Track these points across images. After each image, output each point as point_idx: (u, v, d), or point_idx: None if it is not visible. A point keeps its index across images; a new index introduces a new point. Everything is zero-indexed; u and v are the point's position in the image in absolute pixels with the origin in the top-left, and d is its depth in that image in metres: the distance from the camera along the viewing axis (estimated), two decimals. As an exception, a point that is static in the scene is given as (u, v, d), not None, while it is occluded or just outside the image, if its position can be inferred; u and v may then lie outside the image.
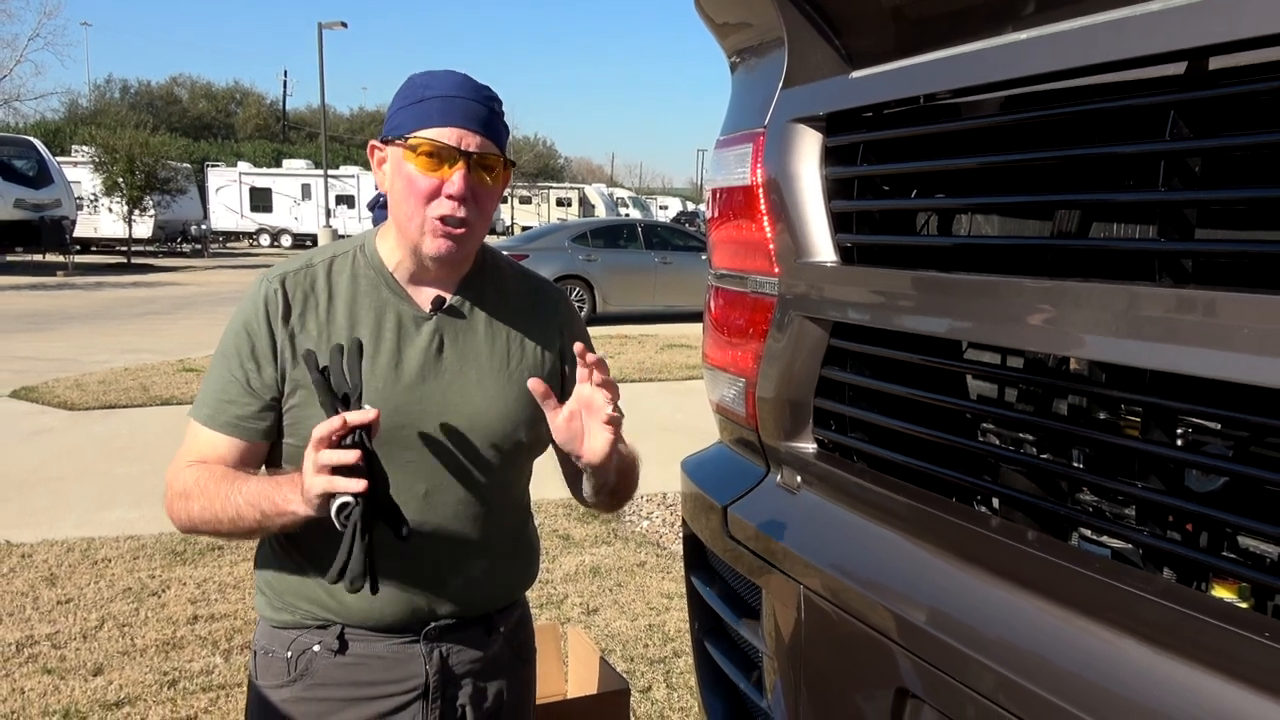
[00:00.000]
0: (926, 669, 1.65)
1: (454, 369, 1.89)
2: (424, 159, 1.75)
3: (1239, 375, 1.24)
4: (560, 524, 6.68)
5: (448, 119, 1.76)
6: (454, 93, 1.79)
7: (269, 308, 1.82)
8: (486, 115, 1.81)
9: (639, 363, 13.94)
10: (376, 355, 1.83)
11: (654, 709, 4.29)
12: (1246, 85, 1.32)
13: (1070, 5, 1.51)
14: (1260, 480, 1.40)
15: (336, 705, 1.90)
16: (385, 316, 1.86)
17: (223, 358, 1.85)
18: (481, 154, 1.79)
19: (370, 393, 1.79)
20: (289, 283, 1.84)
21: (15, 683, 4.37)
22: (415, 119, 1.77)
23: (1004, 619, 1.57)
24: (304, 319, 1.83)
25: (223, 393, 1.83)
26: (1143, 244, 1.56)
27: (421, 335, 1.87)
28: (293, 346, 1.81)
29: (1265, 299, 1.21)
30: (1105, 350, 1.45)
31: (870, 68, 1.96)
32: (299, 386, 1.81)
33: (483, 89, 1.84)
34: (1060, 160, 1.59)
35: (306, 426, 1.77)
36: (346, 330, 1.83)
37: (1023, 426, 1.99)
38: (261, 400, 1.82)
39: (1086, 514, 1.66)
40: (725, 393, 2.40)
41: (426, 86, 1.80)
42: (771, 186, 2.16)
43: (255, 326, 1.82)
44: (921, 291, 1.82)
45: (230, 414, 1.82)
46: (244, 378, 1.81)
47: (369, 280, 1.87)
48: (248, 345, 1.82)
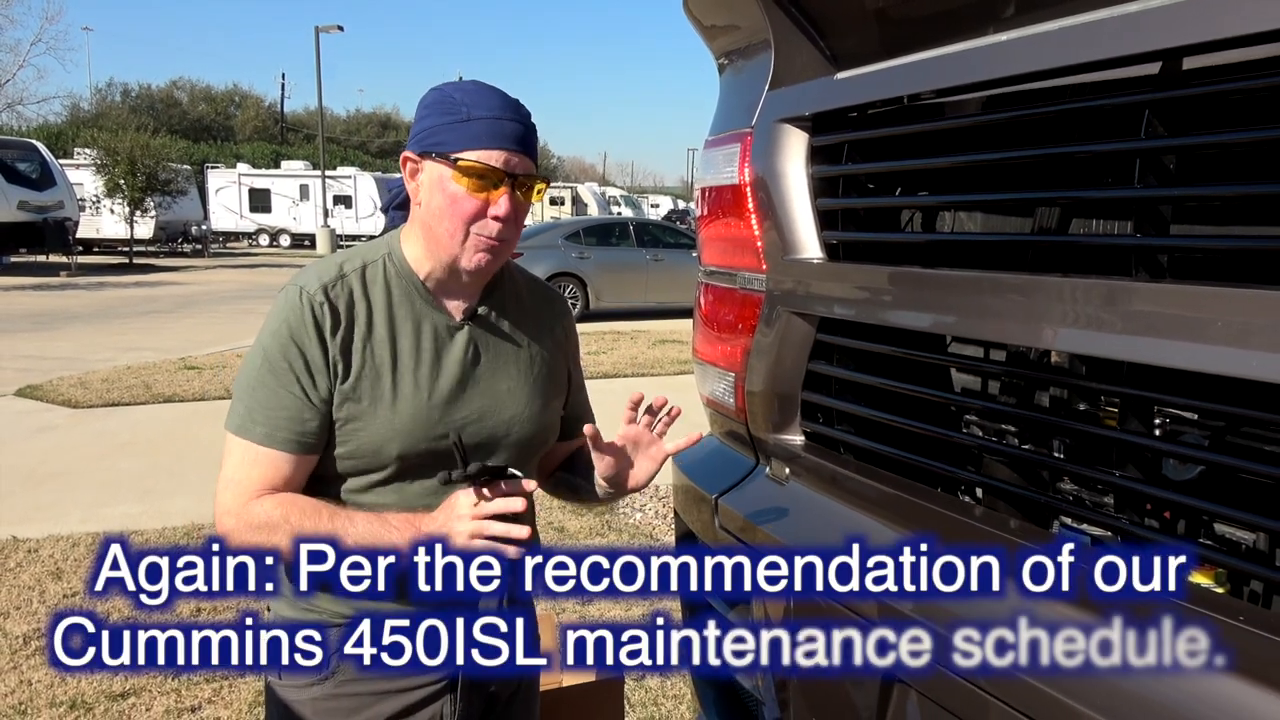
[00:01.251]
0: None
1: (488, 377, 1.89)
2: (471, 180, 1.74)
3: (1213, 367, 1.25)
4: (555, 517, 6.68)
5: (495, 142, 1.75)
6: (499, 114, 1.77)
7: (318, 319, 1.77)
8: (525, 134, 1.80)
9: (631, 358, 13.94)
10: (418, 366, 1.82)
11: (648, 695, 4.30)
12: (1220, 85, 1.33)
13: (1048, 8, 1.52)
14: (1235, 469, 1.41)
15: (368, 700, 1.87)
16: (422, 327, 1.85)
17: (273, 373, 1.78)
18: (525, 175, 1.79)
19: (419, 404, 1.80)
20: (332, 293, 1.79)
21: (23, 674, 4.37)
22: (461, 139, 1.75)
23: (986, 605, 1.58)
24: (351, 331, 1.80)
25: (278, 409, 1.77)
26: (1119, 240, 1.57)
27: (456, 345, 1.87)
28: (345, 359, 1.78)
29: (1238, 293, 1.22)
30: (1083, 343, 1.46)
31: (854, 69, 1.97)
32: (348, 399, 1.78)
33: (522, 109, 1.83)
34: (1039, 158, 1.60)
35: (357, 439, 1.79)
36: (388, 342, 1.81)
37: (1005, 418, 2.00)
38: (320, 414, 1.78)
39: (1067, 502, 1.67)
40: (715, 387, 2.41)
41: (470, 105, 1.77)
42: (759, 185, 2.16)
43: (305, 339, 1.77)
44: (905, 287, 1.82)
45: (291, 430, 1.77)
46: (302, 392, 1.77)
47: (402, 290, 1.85)
48: (300, 359, 1.77)
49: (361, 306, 1.82)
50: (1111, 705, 1.31)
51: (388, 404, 1.79)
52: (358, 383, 1.79)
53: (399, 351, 1.82)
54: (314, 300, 1.78)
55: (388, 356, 1.81)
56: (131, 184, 32.86)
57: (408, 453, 1.80)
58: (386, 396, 1.79)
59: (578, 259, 18.64)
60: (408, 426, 1.79)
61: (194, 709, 4.09)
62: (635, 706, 4.19)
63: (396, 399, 1.80)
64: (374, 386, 1.79)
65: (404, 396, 1.80)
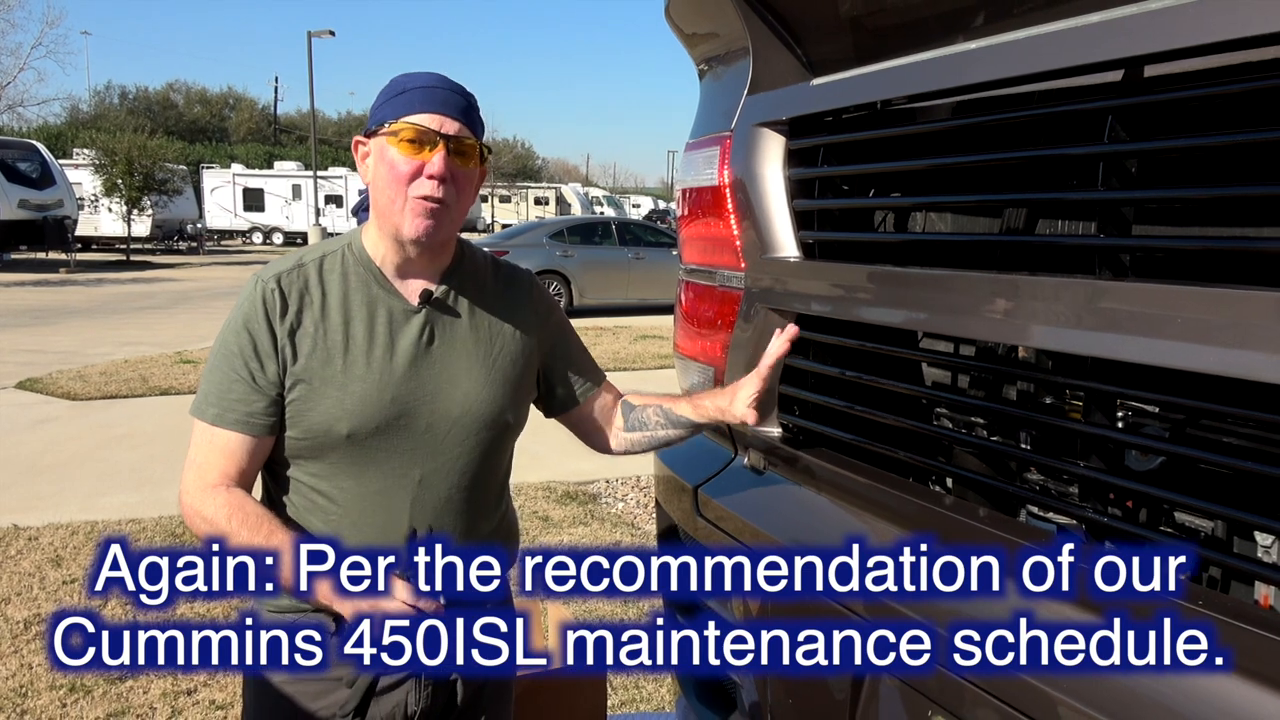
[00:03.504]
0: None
1: (443, 359, 1.89)
2: (405, 144, 1.76)
3: (1173, 362, 1.26)
4: (540, 506, 6.67)
5: (428, 106, 1.78)
6: (433, 84, 1.81)
7: (268, 306, 1.80)
8: (464, 105, 1.82)
9: (614, 353, 13.93)
10: (371, 349, 1.83)
11: (629, 679, 4.29)
12: (1181, 91, 1.34)
13: (1015, 17, 1.52)
14: (1195, 459, 1.42)
15: (333, 684, 1.87)
16: (377, 311, 1.85)
17: (225, 357, 1.82)
18: (459, 138, 1.80)
19: (369, 385, 1.81)
20: (284, 281, 1.82)
21: (24, 658, 4.34)
22: (396, 109, 1.79)
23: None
24: (301, 316, 1.82)
25: (229, 391, 1.80)
26: (1084, 240, 1.57)
27: (412, 328, 1.86)
28: (292, 343, 1.80)
29: (1197, 291, 1.23)
30: (1048, 339, 1.47)
31: (830, 75, 1.97)
32: (299, 381, 1.80)
33: (460, 85, 1.86)
34: (1007, 161, 1.60)
35: (307, 420, 1.79)
36: (341, 326, 1.82)
37: (973, 411, 2.01)
38: (268, 396, 1.80)
39: (1033, 492, 1.67)
40: (695, 381, 2.41)
41: (407, 80, 1.82)
42: (738, 187, 2.17)
43: (255, 325, 1.80)
44: (879, 285, 1.83)
45: (240, 411, 1.79)
46: (249, 375, 1.79)
47: (359, 277, 1.86)
48: (250, 344, 1.80)
49: (316, 293, 1.84)
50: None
51: (338, 385, 1.80)
52: (308, 365, 1.80)
53: (352, 335, 1.83)
54: (267, 288, 1.81)
55: (340, 340, 1.82)
56: (129, 183, 32.72)
57: (357, 432, 1.80)
58: (337, 378, 1.80)
59: (562, 257, 18.62)
60: (357, 407, 1.80)
61: (189, 692, 4.07)
62: (617, 689, 4.19)
63: (347, 380, 1.81)
64: (324, 368, 1.80)
65: (354, 378, 1.81)
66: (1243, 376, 1.18)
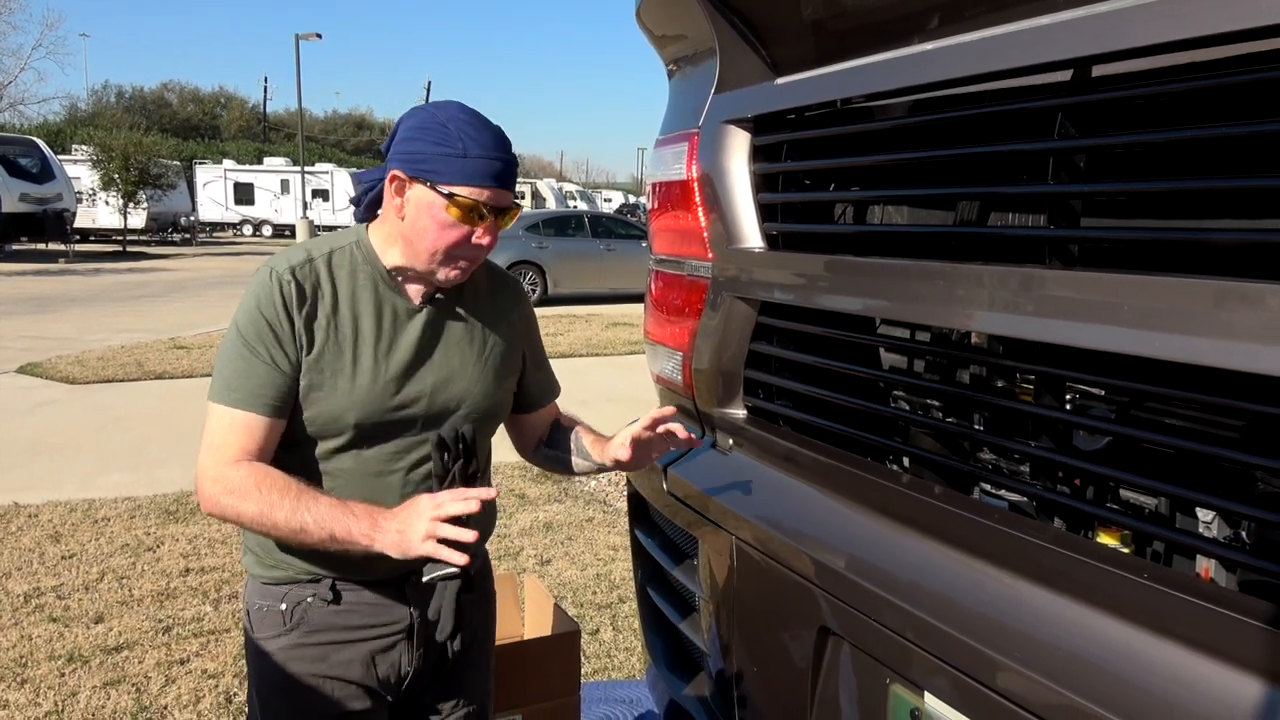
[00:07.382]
0: (845, 609, 1.66)
1: (442, 355, 1.89)
2: (460, 212, 1.73)
3: (1122, 347, 1.25)
4: (516, 484, 6.66)
5: (486, 181, 1.73)
6: (492, 153, 1.74)
7: (285, 295, 1.77)
8: (512, 170, 1.79)
9: (586, 339, 13.92)
10: (378, 344, 1.83)
11: (602, 649, 4.29)
12: (1127, 90, 1.33)
13: (969, 19, 1.51)
14: (1139, 439, 1.41)
15: (332, 648, 1.90)
16: (383, 309, 1.84)
17: (245, 345, 1.78)
18: (506, 207, 1.79)
19: (376, 378, 1.81)
20: (299, 274, 1.80)
21: (24, 630, 4.29)
22: (456, 173, 1.72)
23: (913, 564, 1.58)
24: (315, 308, 1.80)
25: (250, 376, 1.77)
26: (1034, 231, 1.56)
27: (414, 326, 1.86)
28: (309, 333, 1.78)
29: (1142, 279, 1.22)
30: (1000, 325, 1.46)
31: (793, 75, 1.96)
32: (312, 370, 1.79)
33: (509, 145, 1.81)
34: (961, 156, 1.59)
35: (316, 407, 1.79)
36: (351, 321, 1.82)
37: (930, 393, 2.00)
38: (289, 379, 1.78)
39: (986, 471, 1.67)
40: (665, 365, 2.39)
41: (467, 142, 1.73)
42: (705, 181, 2.15)
43: (274, 315, 1.77)
44: (839, 274, 1.82)
45: (264, 394, 1.77)
46: (271, 361, 1.77)
47: (366, 275, 1.84)
48: (270, 331, 1.76)
49: (327, 288, 1.82)
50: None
51: (347, 377, 1.80)
52: (321, 356, 1.79)
53: (360, 330, 1.82)
54: (282, 280, 1.78)
55: (350, 334, 1.81)
56: (125, 178, 32.46)
57: (363, 422, 1.81)
58: (346, 370, 1.80)
59: (537, 248, 18.59)
60: (364, 398, 1.80)
61: (183, 661, 4.03)
62: (590, 658, 4.18)
63: (356, 373, 1.80)
64: (335, 360, 1.80)
65: (362, 371, 1.81)
66: (1185, 361, 1.17)
